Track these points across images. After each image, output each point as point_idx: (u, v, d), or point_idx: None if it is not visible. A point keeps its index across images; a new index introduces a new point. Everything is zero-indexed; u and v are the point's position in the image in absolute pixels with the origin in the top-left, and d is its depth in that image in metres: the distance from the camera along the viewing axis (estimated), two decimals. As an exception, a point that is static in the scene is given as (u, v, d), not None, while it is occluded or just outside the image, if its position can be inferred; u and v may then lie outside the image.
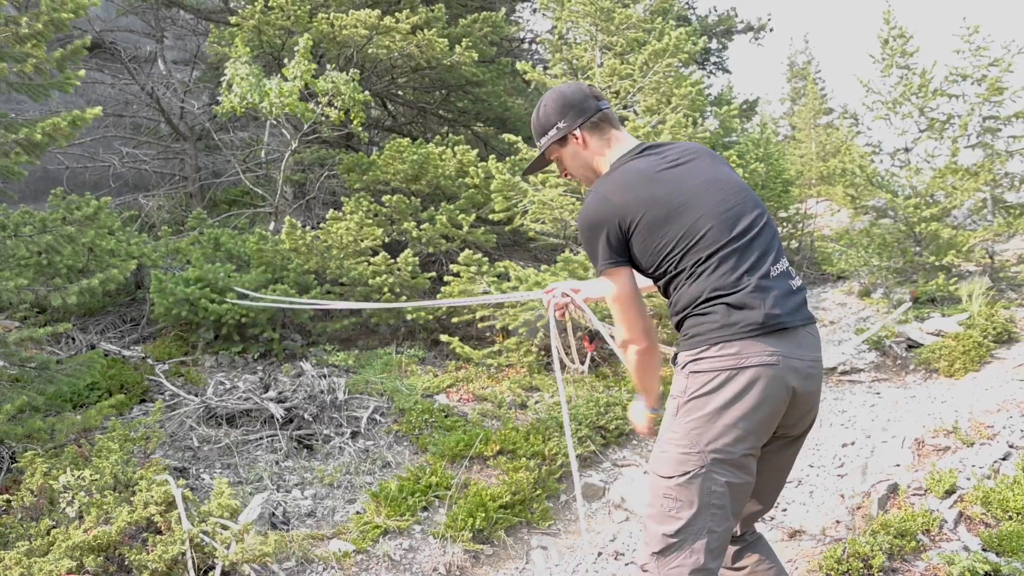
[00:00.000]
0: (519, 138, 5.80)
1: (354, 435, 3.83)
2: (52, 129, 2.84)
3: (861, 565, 2.51)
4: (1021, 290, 6.78)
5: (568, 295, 2.04)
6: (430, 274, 5.47)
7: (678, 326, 1.67)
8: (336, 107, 5.65)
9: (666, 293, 1.71)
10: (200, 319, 4.69)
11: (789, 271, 1.67)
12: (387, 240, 5.61)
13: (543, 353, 5.07)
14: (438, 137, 6.54)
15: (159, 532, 2.51)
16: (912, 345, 5.67)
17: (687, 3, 12.74)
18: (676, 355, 1.67)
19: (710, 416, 1.52)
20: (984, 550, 2.60)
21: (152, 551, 2.36)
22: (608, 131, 1.80)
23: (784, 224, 9.84)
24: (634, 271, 1.72)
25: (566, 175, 1.91)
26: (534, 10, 11.32)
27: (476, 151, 6.13)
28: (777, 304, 1.56)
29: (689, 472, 1.52)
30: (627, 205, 1.63)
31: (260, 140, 7.81)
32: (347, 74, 5.62)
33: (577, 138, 1.79)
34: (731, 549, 1.80)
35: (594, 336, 2.05)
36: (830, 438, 4.19)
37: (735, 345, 1.52)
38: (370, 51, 6.26)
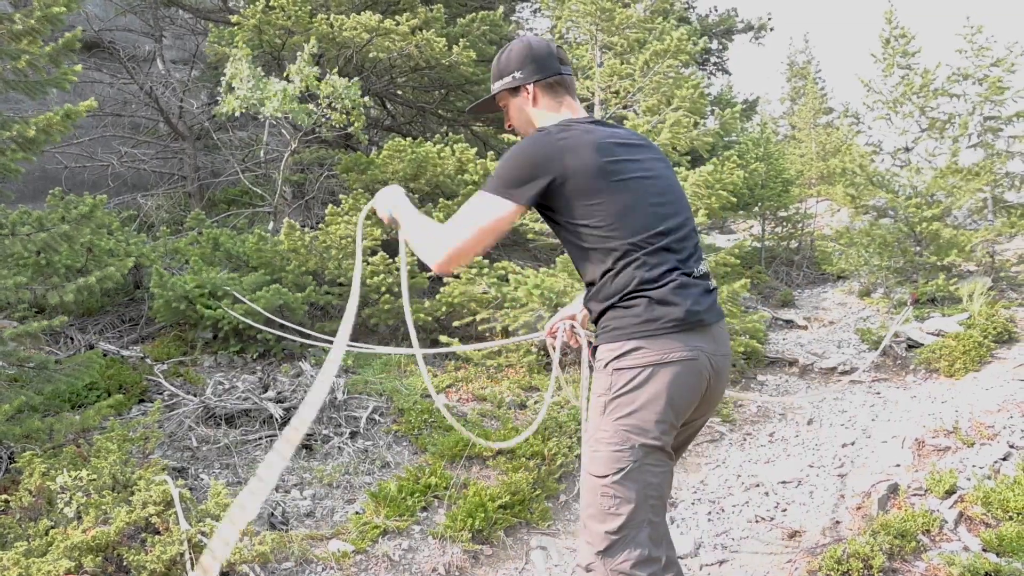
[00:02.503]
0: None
1: (353, 435, 3.82)
2: (46, 124, 2.82)
3: (861, 565, 2.51)
4: (1022, 290, 6.77)
5: (574, 327, 2.02)
6: (429, 273, 5.46)
7: (597, 317, 1.67)
8: (337, 109, 5.64)
9: (589, 276, 1.67)
10: (198, 319, 4.68)
11: (708, 274, 1.73)
12: (385, 238, 5.61)
13: (543, 354, 5.06)
14: (438, 136, 6.54)
15: (157, 532, 2.50)
16: (912, 345, 5.67)
17: (687, 3, 12.73)
18: (594, 348, 1.67)
19: (637, 411, 1.55)
20: (984, 550, 2.59)
21: (151, 551, 2.36)
22: (562, 95, 1.78)
23: (784, 224, 9.83)
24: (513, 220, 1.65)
25: (509, 126, 1.90)
26: (534, 10, 11.31)
27: (475, 150, 6.12)
28: (697, 302, 1.60)
29: (623, 468, 1.54)
30: (575, 154, 1.60)
31: (259, 140, 7.80)
32: (348, 80, 5.61)
33: (528, 93, 1.77)
34: None
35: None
36: (830, 438, 4.18)
37: (657, 341, 1.55)
38: (370, 52, 6.25)
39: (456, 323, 5.17)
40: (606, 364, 1.60)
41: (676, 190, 1.74)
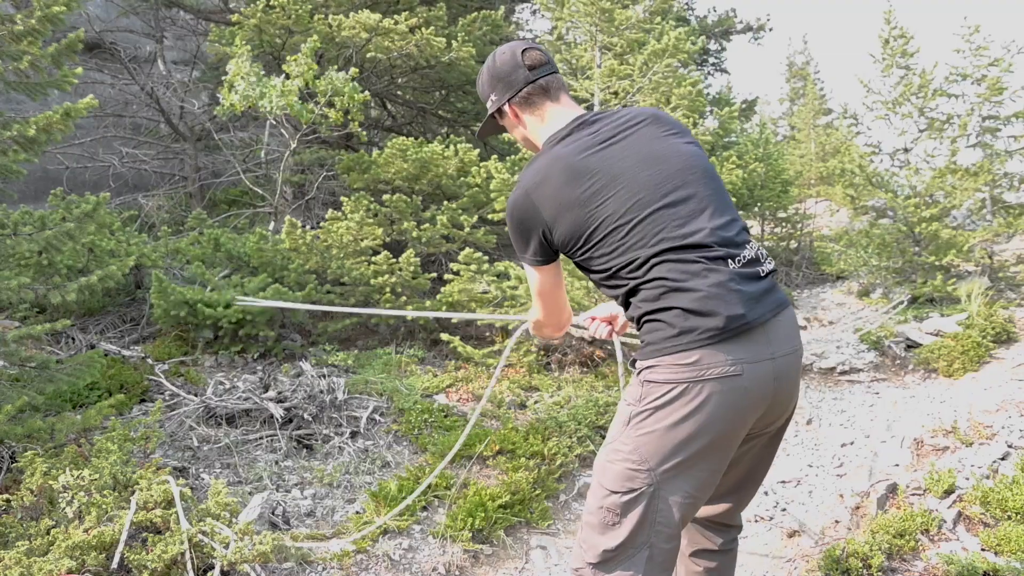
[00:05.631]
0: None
1: (354, 435, 3.83)
2: (46, 123, 2.83)
3: (860, 565, 2.52)
4: (1020, 290, 6.78)
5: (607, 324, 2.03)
6: (431, 274, 5.47)
7: (639, 329, 1.53)
8: (336, 107, 5.65)
9: (615, 295, 1.55)
10: (199, 322, 4.69)
11: (758, 256, 1.48)
12: (387, 240, 5.61)
13: (543, 353, 5.07)
14: (439, 137, 6.55)
15: (158, 531, 2.51)
16: (911, 345, 5.68)
17: (686, 3, 12.74)
18: (634, 360, 1.53)
19: (664, 432, 1.38)
20: (983, 550, 2.60)
21: (152, 551, 2.36)
22: (541, 104, 1.63)
23: (783, 224, 9.85)
24: (560, 265, 1.69)
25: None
26: (534, 11, 11.33)
27: (477, 151, 6.13)
28: (741, 302, 1.37)
29: (636, 490, 1.40)
30: (545, 203, 1.51)
31: (260, 140, 7.81)
32: (346, 73, 5.62)
33: (509, 113, 1.68)
34: (711, 538, 1.74)
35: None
36: (829, 438, 4.19)
37: (694, 354, 1.36)
38: (370, 52, 6.26)
39: (455, 320, 5.18)
40: (638, 373, 1.47)
41: (690, 171, 1.49)
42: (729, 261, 1.42)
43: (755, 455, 1.63)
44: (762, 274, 1.46)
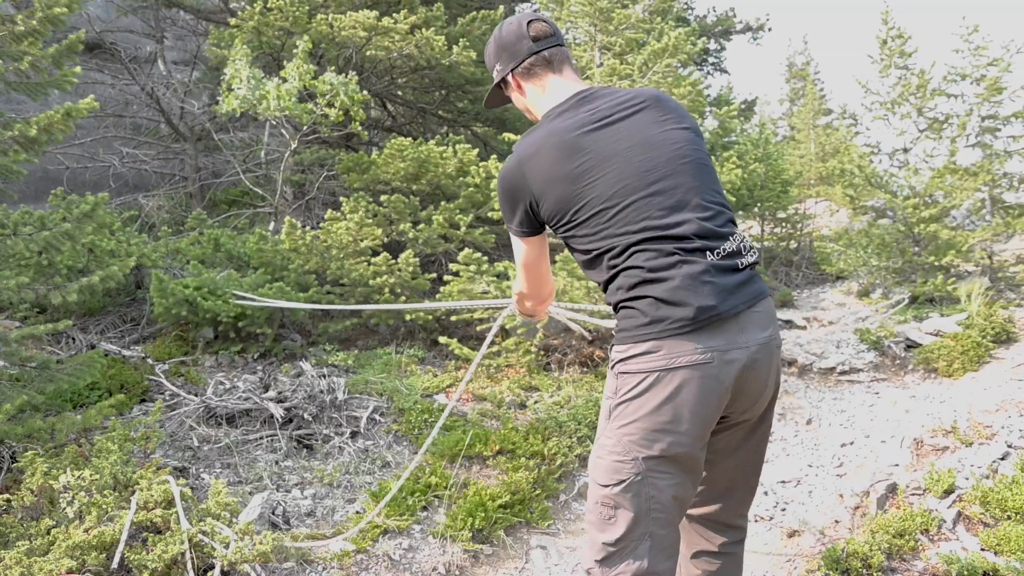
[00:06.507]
0: (519, 138, 5.80)
1: (354, 435, 3.84)
2: (47, 123, 2.84)
3: (860, 564, 2.52)
4: (1020, 290, 6.79)
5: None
6: (430, 275, 5.48)
7: (615, 315, 1.55)
8: (336, 107, 5.66)
9: (596, 279, 1.58)
10: (199, 319, 4.69)
11: (740, 248, 1.49)
12: (387, 240, 5.62)
13: (542, 353, 5.08)
14: (438, 137, 6.55)
15: (159, 531, 2.51)
16: (911, 345, 5.68)
17: (685, 3, 12.75)
18: (612, 347, 1.55)
19: (642, 420, 1.43)
20: (983, 550, 2.60)
21: (152, 550, 2.37)
22: (544, 76, 1.65)
23: (783, 224, 9.85)
24: (545, 238, 1.72)
25: None
26: (534, 11, 11.34)
27: (476, 151, 6.13)
28: (713, 294, 1.40)
29: (624, 480, 1.44)
30: (535, 175, 1.53)
31: (260, 140, 7.81)
32: (345, 76, 5.62)
33: (513, 84, 1.70)
34: (711, 538, 1.73)
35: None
36: (829, 438, 4.20)
37: (664, 344, 1.40)
38: (369, 52, 6.26)
39: (454, 318, 5.18)
40: (612, 366, 1.51)
41: (680, 160, 1.50)
42: (708, 253, 1.44)
43: (739, 444, 1.63)
44: (740, 266, 1.49)
